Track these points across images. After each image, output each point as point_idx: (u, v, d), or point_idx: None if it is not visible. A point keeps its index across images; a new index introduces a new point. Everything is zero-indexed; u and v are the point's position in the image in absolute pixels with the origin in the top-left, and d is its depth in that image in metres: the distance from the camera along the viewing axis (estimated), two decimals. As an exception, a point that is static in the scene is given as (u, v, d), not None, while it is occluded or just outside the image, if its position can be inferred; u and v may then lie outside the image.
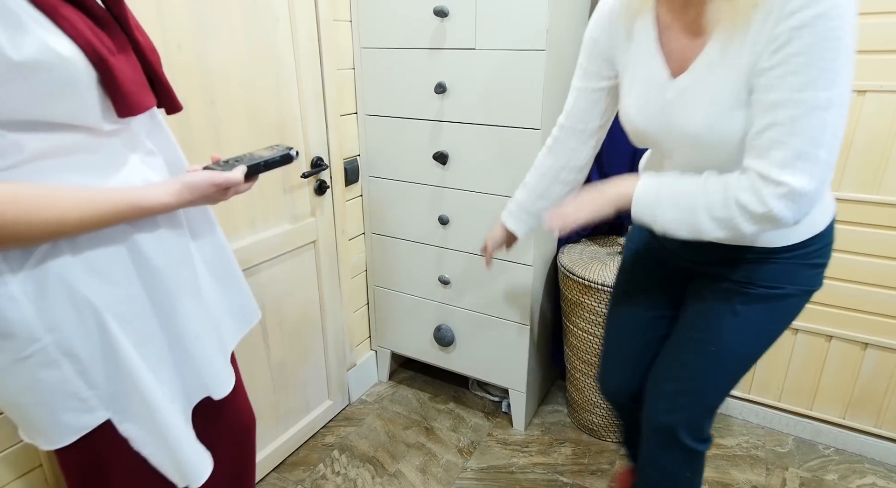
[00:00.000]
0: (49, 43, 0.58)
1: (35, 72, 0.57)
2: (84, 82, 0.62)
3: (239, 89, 1.30)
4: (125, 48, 0.68)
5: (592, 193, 0.90)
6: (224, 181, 0.76)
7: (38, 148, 0.62)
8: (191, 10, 1.15)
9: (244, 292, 0.95)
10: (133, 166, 0.72)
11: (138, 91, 0.68)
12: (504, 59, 1.43)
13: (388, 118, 1.68)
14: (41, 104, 0.60)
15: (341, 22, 1.60)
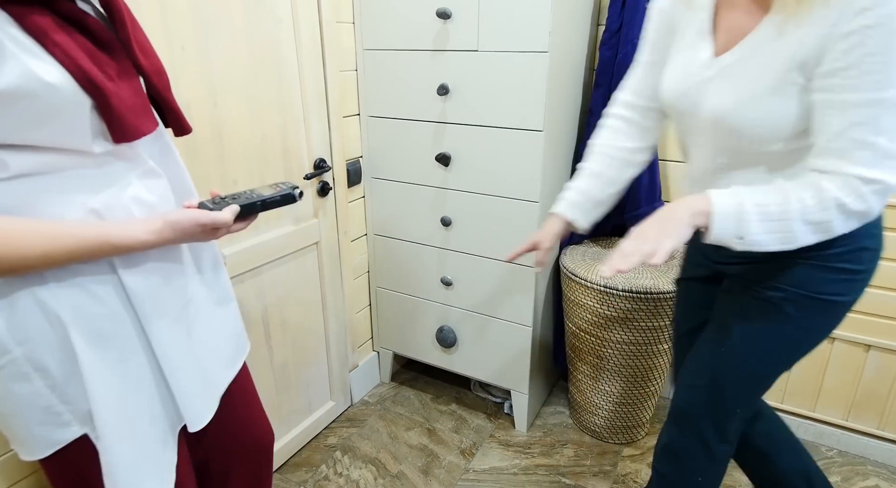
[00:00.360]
0: (33, 69, 0.56)
1: (16, 98, 0.56)
2: (72, 108, 0.61)
3: (241, 91, 1.30)
4: (128, 72, 0.67)
5: (660, 220, 0.81)
6: (210, 221, 0.72)
7: (22, 166, 0.61)
8: (194, 13, 1.15)
9: (237, 325, 0.93)
10: (124, 184, 0.70)
11: (137, 117, 0.67)
12: (507, 61, 1.43)
13: (390, 119, 1.68)
14: (25, 129, 0.59)
15: (344, 23, 1.60)
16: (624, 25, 1.55)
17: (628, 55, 1.54)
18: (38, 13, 0.57)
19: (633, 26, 1.53)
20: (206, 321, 0.83)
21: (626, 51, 1.54)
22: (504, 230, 1.60)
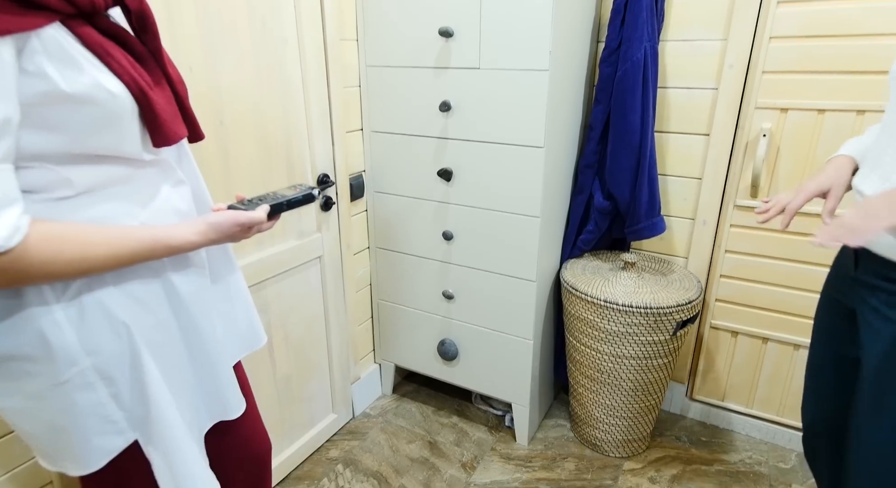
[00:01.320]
0: (100, 80, 0.62)
1: (86, 104, 0.61)
2: (128, 115, 0.66)
3: (247, 109, 1.32)
4: (160, 81, 0.72)
5: (889, 198, 0.75)
6: (247, 220, 0.78)
7: (85, 182, 0.66)
8: (202, 35, 1.18)
9: (255, 320, 0.97)
10: (165, 195, 0.76)
11: (173, 122, 0.72)
12: (508, 79, 1.46)
13: (393, 135, 1.70)
14: (90, 135, 0.64)
15: (348, 41, 1.63)
16: (623, 43, 1.58)
17: (628, 72, 1.56)
18: (88, 28, 0.62)
19: (631, 44, 1.55)
20: (224, 319, 0.88)
21: (626, 68, 1.56)
22: (505, 244, 1.61)
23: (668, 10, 1.62)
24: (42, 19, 0.57)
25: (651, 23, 1.56)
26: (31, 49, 0.57)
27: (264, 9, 1.32)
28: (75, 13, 0.61)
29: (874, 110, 1.43)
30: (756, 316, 1.73)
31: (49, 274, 0.62)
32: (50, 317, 0.65)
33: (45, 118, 0.60)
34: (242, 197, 0.85)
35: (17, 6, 0.55)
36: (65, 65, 0.59)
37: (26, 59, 0.57)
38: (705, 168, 1.67)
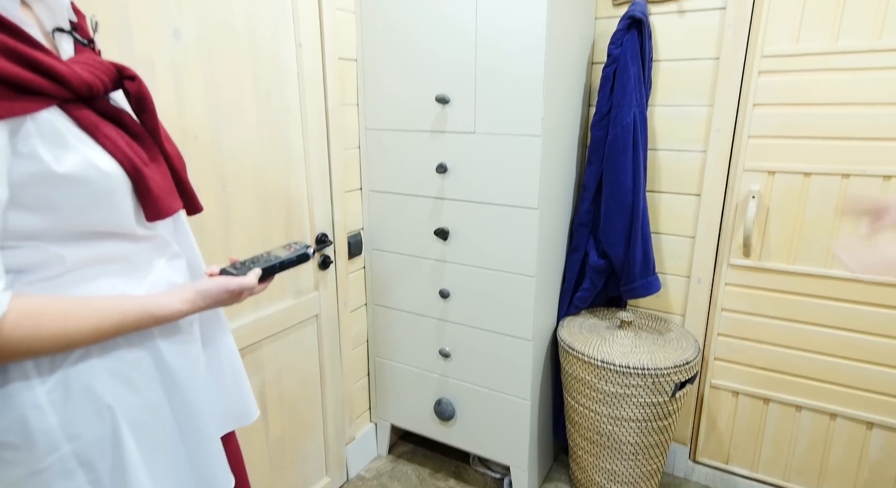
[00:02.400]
0: (92, 159, 0.63)
1: (78, 184, 0.62)
2: (119, 192, 0.67)
3: (249, 173, 1.37)
4: (156, 158, 0.74)
5: None
6: (237, 287, 0.78)
7: (77, 258, 0.66)
8: (209, 105, 1.23)
9: (246, 392, 0.95)
10: (160, 270, 0.76)
11: (167, 196, 0.73)
12: (502, 143, 1.51)
13: (391, 194, 1.75)
14: (82, 213, 0.64)
15: (349, 106, 1.69)
16: (613, 108, 1.64)
17: (618, 136, 1.61)
18: (85, 110, 0.64)
19: (621, 110, 1.61)
20: (212, 391, 0.86)
21: (616, 132, 1.62)
22: (501, 303, 1.62)
23: (655, 78, 1.69)
24: (38, 104, 0.59)
25: (639, 90, 1.62)
26: (25, 132, 0.58)
27: (269, 80, 1.38)
28: (73, 98, 0.63)
29: (858, 174, 1.47)
30: (756, 375, 1.71)
31: (29, 350, 0.60)
32: (33, 400, 0.63)
33: (36, 198, 0.60)
34: (236, 259, 0.85)
35: (15, 91, 0.56)
36: (57, 146, 0.61)
37: (20, 141, 0.58)
38: (698, 227, 1.70)
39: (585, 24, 1.67)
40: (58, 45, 0.68)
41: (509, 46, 1.43)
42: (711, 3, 1.57)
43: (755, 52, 1.53)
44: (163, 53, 1.13)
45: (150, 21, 1.10)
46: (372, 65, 1.66)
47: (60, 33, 0.68)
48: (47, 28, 0.67)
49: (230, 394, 0.91)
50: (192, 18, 1.17)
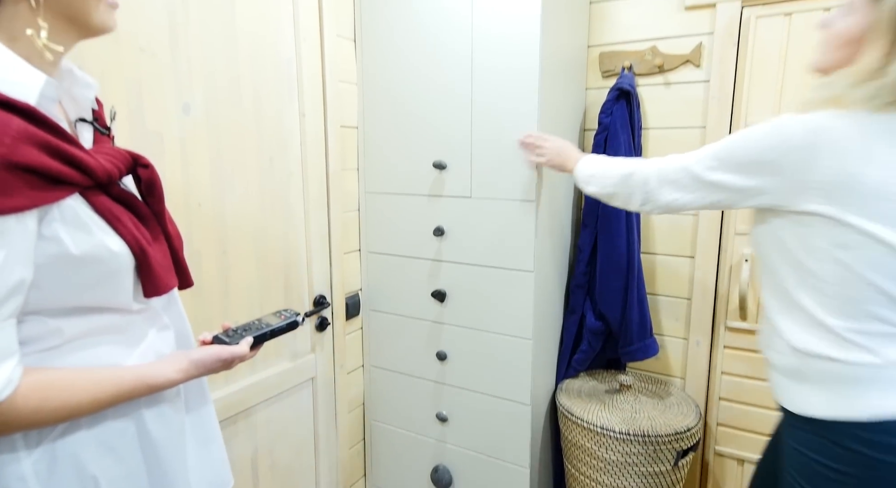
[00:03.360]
0: (104, 241, 0.67)
1: (88, 264, 0.66)
2: (125, 270, 0.70)
3: (249, 237, 1.40)
4: (158, 237, 0.77)
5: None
6: (230, 356, 0.81)
7: (75, 331, 0.68)
8: (213, 173, 1.28)
9: (222, 461, 0.94)
10: (150, 341, 0.78)
11: (165, 274, 0.76)
12: (498, 207, 1.55)
13: (390, 256, 1.77)
14: (86, 290, 0.67)
15: (349, 170, 1.75)
16: (605, 174, 1.69)
17: (611, 200, 1.65)
18: (100, 195, 0.69)
19: (613, 175, 1.66)
20: (192, 458, 0.85)
21: (609, 196, 1.66)
22: (499, 366, 1.61)
23: (646, 144, 1.76)
24: (64, 192, 0.63)
25: (629, 156, 1.68)
26: (50, 217, 0.62)
27: (273, 148, 1.44)
28: (93, 185, 0.68)
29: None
30: (761, 442, 1.66)
31: (33, 423, 0.62)
32: (18, 472, 0.63)
33: (48, 275, 0.64)
34: (228, 326, 0.88)
35: (47, 181, 0.61)
36: (76, 229, 0.65)
37: (45, 226, 0.62)
38: (693, 289, 1.71)
39: (576, 95, 1.75)
40: (79, 133, 0.73)
41: (504, 117, 1.49)
42: (695, 76, 1.65)
43: (740, 122, 1.59)
44: (172, 127, 1.18)
45: (163, 97, 1.16)
46: (372, 132, 1.73)
47: (82, 123, 0.74)
48: (71, 118, 0.73)
49: (207, 462, 0.90)
50: (201, 93, 1.24)
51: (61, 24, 0.65)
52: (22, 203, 0.58)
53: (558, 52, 1.54)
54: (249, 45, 1.34)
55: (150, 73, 1.13)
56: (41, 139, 0.59)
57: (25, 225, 0.59)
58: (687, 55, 1.65)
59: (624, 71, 1.73)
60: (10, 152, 0.56)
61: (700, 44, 1.63)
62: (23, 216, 0.59)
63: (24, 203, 0.58)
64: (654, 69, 1.70)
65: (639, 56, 1.72)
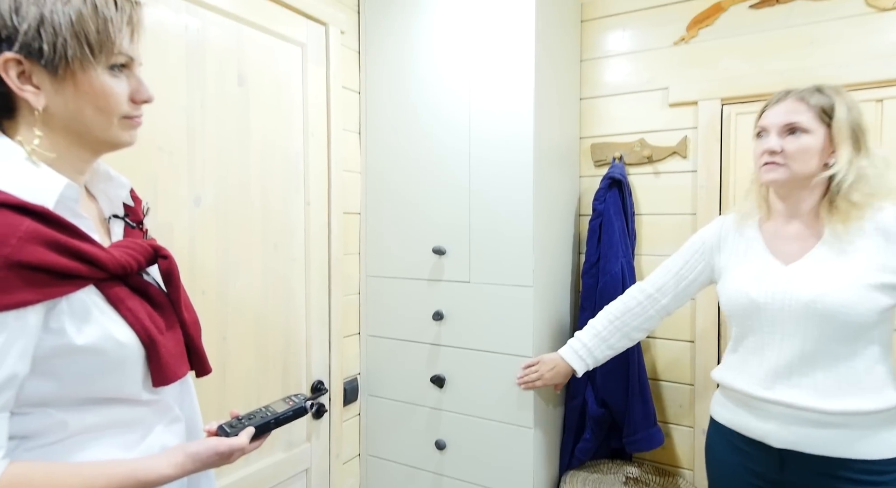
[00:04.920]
0: (111, 331, 0.67)
1: (93, 354, 0.66)
2: (132, 360, 0.70)
3: (250, 323, 1.41)
4: (173, 325, 0.78)
5: None
6: (227, 449, 0.77)
7: (79, 425, 0.68)
8: (218, 262, 1.32)
9: None
10: (157, 435, 0.76)
11: (175, 362, 0.76)
12: (496, 292, 1.57)
13: (389, 339, 1.77)
14: (92, 380, 0.67)
15: (351, 255, 1.79)
16: (601, 258, 1.73)
17: (608, 284, 1.68)
18: (116, 285, 0.70)
19: (609, 260, 1.70)
20: None
21: (605, 281, 1.69)
22: (500, 456, 1.55)
23: (639, 230, 1.81)
24: (74, 286, 0.64)
25: (624, 241, 1.73)
26: (58, 310, 0.64)
27: (277, 235, 1.49)
28: (107, 277, 0.69)
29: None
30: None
31: None
32: None
33: (52, 367, 0.64)
34: (236, 413, 0.86)
35: (53, 277, 0.62)
36: (82, 320, 0.65)
37: (53, 318, 0.63)
38: (695, 374, 1.69)
39: (570, 182, 1.83)
40: (111, 228, 0.77)
41: (500, 205, 1.55)
42: (683, 166, 1.74)
43: (728, 209, 1.65)
44: (182, 218, 1.24)
45: (176, 190, 1.22)
46: (374, 218, 1.80)
47: (115, 219, 0.78)
48: (105, 215, 0.78)
49: None
50: (212, 186, 1.31)
51: (71, 137, 0.69)
52: (24, 298, 0.59)
53: (551, 143, 1.63)
54: (260, 141, 1.43)
55: (166, 169, 1.20)
56: (51, 238, 0.62)
57: (25, 320, 0.60)
58: (674, 147, 1.74)
59: (615, 161, 1.82)
60: (14, 252, 0.58)
61: (685, 137, 1.73)
62: (23, 312, 0.60)
63: (26, 298, 0.59)
64: (643, 159, 1.79)
65: (628, 147, 1.82)
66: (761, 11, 1.61)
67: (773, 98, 1.12)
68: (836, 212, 1.04)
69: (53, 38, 0.63)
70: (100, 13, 0.66)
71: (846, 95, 1.06)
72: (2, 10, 0.62)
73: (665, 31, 1.75)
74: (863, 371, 1.01)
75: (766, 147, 1.08)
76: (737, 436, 1.16)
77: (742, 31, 1.63)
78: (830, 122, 1.03)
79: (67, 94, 0.66)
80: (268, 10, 1.44)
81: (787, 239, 1.12)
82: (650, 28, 1.77)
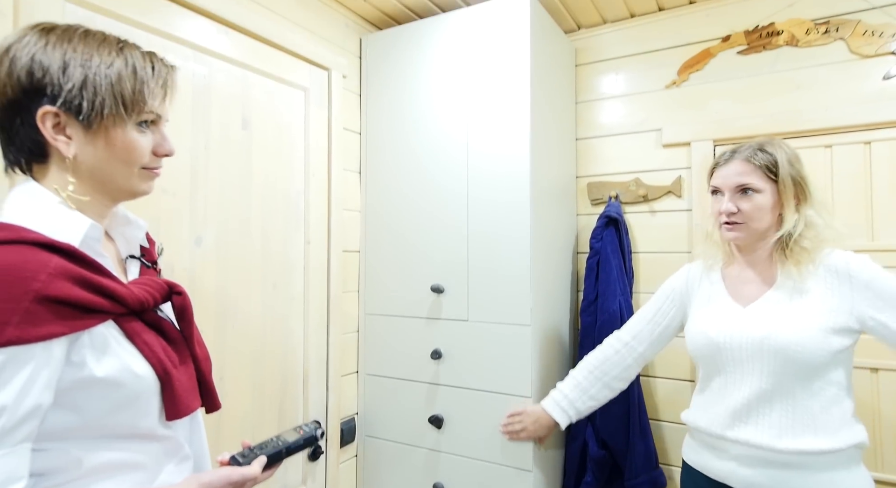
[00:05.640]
0: (129, 365, 0.69)
1: (112, 386, 0.67)
2: (148, 393, 0.72)
3: (248, 363, 1.40)
4: (186, 360, 0.80)
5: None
6: (240, 478, 0.78)
7: (93, 464, 0.68)
8: (218, 302, 1.33)
9: None
10: (167, 474, 0.77)
11: (188, 396, 0.77)
12: (494, 331, 1.57)
13: (387, 378, 1.76)
14: (110, 413, 0.68)
15: (350, 292, 1.80)
16: (599, 296, 1.73)
17: (606, 323, 1.68)
18: (133, 320, 0.72)
19: (607, 298, 1.71)
20: None
21: (604, 319, 1.69)
22: (499, 500, 1.52)
23: (637, 267, 1.82)
24: (96, 320, 0.67)
25: (622, 279, 1.74)
26: (80, 343, 0.66)
27: (277, 274, 1.50)
28: (126, 312, 0.71)
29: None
30: None
31: None
32: None
33: (72, 399, 0.65)
34: (248, 444, 0.87)
35: (77, 311, 0.65)
36: (103, 354, 0.68)
37: (74, 351, 0.65)
38: (697, 414, 1.67)
39: (567, 220, 1.85)
40: (128, 268, 0.80)
41: (498, 244, 1.57)
42: (678, 205, 1.76)
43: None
44: (183, 258, 1.25)
45: (178, 231, 1.24)
46: (373, 256, 1.81)
47: (132, 259, 0.81)
48: (122, 255, 0.81)
49: None
50: (214, 227, 1.33)
51: (95, 185, 0.74)
52: (51, 331, 0.62)
53: (548, 183, 1.66)
54: (262, 181, 1.46)
55: (169, 210, 1.22)
56: (77, 274, 0.65)
57: (51, 352, 0.62)
58: (668, 186, 1.78)
59: (611, 199, 1.85)
60: (44, 287, 0.61)
61: (679, 177, 1.76)
62: (49, 344, 0.62)
63: (53, 331, 0.62)
64: (638, 198, 1.82)
65: (624, 186, 1.85)
66: (749, 57, 1.67)
67: (722, 157, 1.18)
68: (790, 256, 1.10)
69: (93, 96, 0.69)
70: (138, 76, 0.72)
71: (786, 148, 1.13)
72: (52, 69, 0.67)
73: (657, 75, 1.80)
74: (818, 411, 1.04)
75: (724, 209, 1.14)
76: (703, 478, 1.17)
77: (731, 75, 1.69)
78: (776, 178, 1.10)
79: (97, 146, 0.71)
80: (274, 57, 1.49)
81: (745, 282, 1.17)
82: (643, 72, 1.83)
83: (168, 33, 1.22)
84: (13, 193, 0.71)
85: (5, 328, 0.59)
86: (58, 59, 0.67)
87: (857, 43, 1.52)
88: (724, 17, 1.70)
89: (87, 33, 0.71)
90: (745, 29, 1.67)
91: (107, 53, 0.70)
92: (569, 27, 1.93)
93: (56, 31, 0.69)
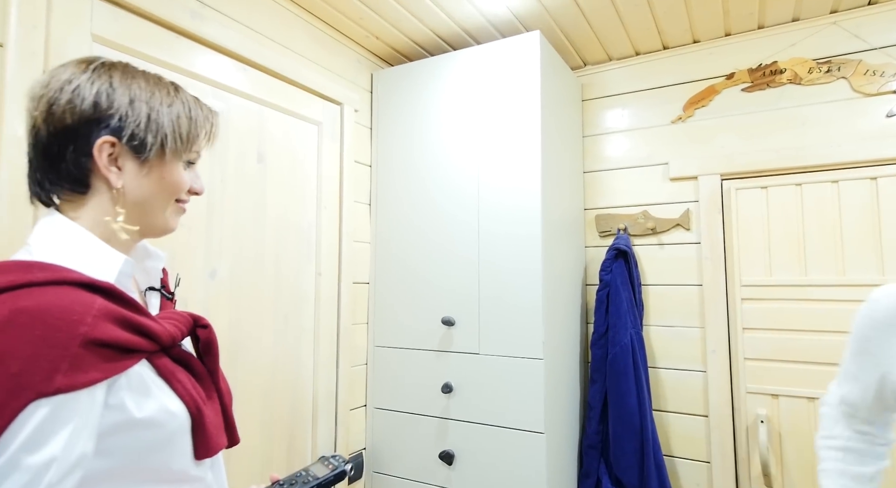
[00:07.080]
0: (165, 404, 0.68)
1: (150, 427, 0.66)
2: (182, 431, 0.70)
3: (256, 400, 1.38)
4: (212, 396, 0.78)
5: None
6: None
7: None
8: (230, 335, 1.32)
9: None
10: None
11: (217, 433, 0.76)
12: (506, 364, 1.55)
13: (396, 413, 1.73)
14: (145, 456, 0.67)
15: (359, 325, 1.79)
16: (610, 329, 1.73)
17: (618, 356, 1.67)
18: (163, 357, 0.71)
19: (618, 330, 1.70)
20: None
21: (616, 352, 1.68)
22: (512, 541, 1.48)
23: (647, 300, 1.82)
24: (134, 360, 0.66)
25: (633, 312, 1.73)
26: (118, 386, 0.64)
27: (288, 306, 1.50)
28: (158, 349, 0.71)
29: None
30: None
31: None
32: None
33: (107, 445, 0.64)
34: (277, 478, 0.85)
35: (118, 352, 0.63)
36: (140, 394, 0.66)
37: (112, 394, 0.64)
38: (711, 451, 1.64)
39: (577, 252, 1.86)
40: (148, 300, 0.79)
41: (510, 277, 1.57)
42: (687, 238, 1.77)
43: (734, 281, 1.67)
44: (197, 291, 1.25)
45: (193, 264, 1.24)
46: (384, 288, 1.81)
47: (151, 291, 0.80)
48: (141, 288, 0.80)
49: None
50: (228, 260, 1.33)
51: (132, 218, 0.74)
52: (95, 377, 0.60)
53: (557, 215, 1.67)
54: (276, 214, 1.47)
55: (185, 244, 1.23)
56: (118, 314, 0.64)
57: (94, 397, 0.61)
58: (677, 219, 1.79)
59: (619, 232, 1.86)
60: (91, 330, 0.60)
61: (688, 210, 1.78)
62: (93, 389, 0.61)
63: (97, 376, 0.60)
64: (647, 231, 1.83)
65: (632, 219, 1.86)
66: (753, 94, 1.70)
67: None
68: None
69: (156, 132, 0.72)
70: (192, 118, 0.76)
71: None
72: (119, 103, 0.70)
73: (663, 111, 1.84)
74: None
75: None
76: None
77: (736, 111, 1.72)
78: None
79: (147, 179, 0.73)
80: (289, 93, 1.52)
81: None
82: (648, 107, 1.87)
83: (188, 70, 1.25)
84: (41, 227, 0.70)
85: (55, 375, 0.58)
86: (125, 93, 0.70)
87: (860, 82, 1.56)
88: (728, 56, 1.75)
89: (146, 72, 0.74)
90: (748, 67, 1.71)
91: (165, 94, 0.73)
92: (575, 64, 1.98)
93: (118, 67, 0.72)
